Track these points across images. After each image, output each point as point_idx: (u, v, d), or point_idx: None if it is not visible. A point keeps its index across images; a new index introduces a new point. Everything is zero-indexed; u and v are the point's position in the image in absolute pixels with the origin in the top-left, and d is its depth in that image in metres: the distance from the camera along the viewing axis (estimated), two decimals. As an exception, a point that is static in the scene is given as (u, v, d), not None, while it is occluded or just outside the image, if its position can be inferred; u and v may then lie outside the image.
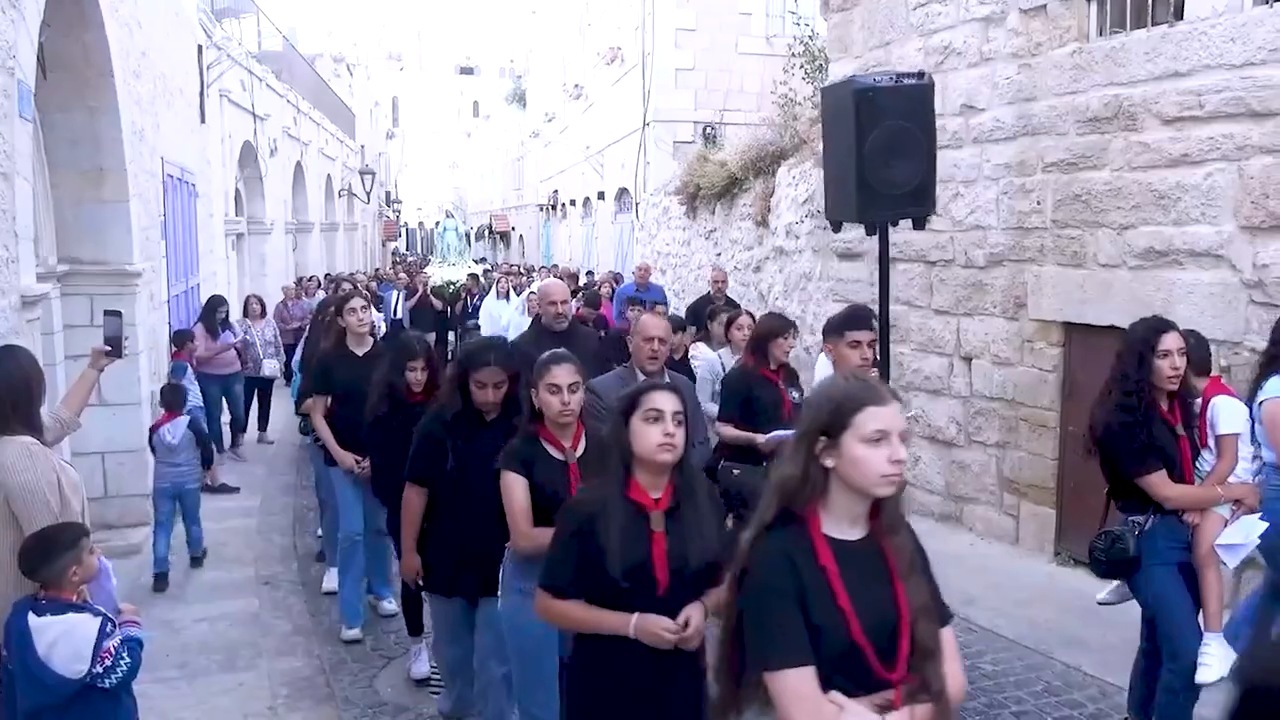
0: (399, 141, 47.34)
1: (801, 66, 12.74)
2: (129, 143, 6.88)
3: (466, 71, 53.44)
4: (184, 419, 6.42)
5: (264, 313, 10.71)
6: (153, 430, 6.48)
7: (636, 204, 18.84)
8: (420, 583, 3.91)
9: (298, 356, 8.36)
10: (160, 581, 6.06)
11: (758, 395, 4.80)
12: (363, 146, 31.28)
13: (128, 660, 2.86)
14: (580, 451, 3.23)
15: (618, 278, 14.88)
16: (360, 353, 5.25)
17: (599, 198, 22.54)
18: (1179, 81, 5.21)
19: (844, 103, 4.39)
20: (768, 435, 4.58)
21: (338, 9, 37.49)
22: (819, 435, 1.93)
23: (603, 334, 8.02)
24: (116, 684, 2.85)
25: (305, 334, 8.27)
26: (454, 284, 16.32)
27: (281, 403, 10.35)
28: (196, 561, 6.48)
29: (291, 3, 31.41)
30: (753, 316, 5.79)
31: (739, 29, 17.80)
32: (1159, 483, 3.53)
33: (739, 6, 17.79)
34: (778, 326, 5.01)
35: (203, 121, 10.77)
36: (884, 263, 4.76)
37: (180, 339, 8.31)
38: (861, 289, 8.02)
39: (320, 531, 6.70)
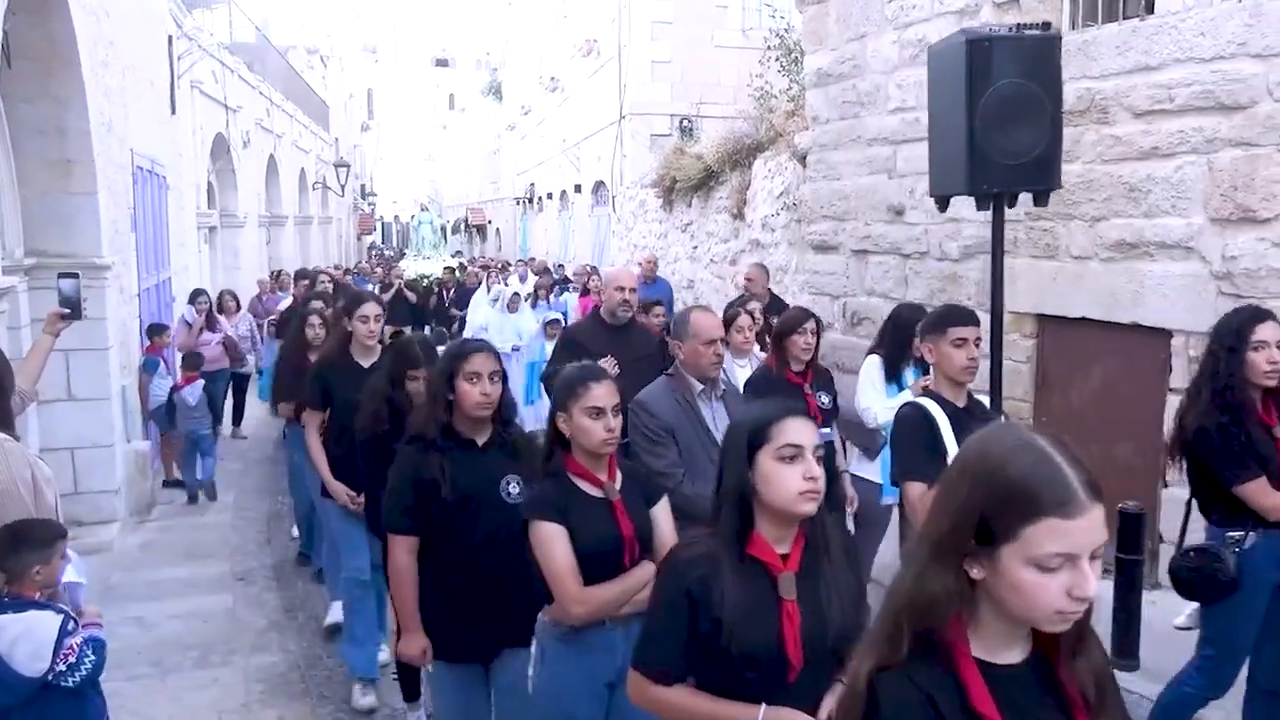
0: (374, 134, 47.01)
1: (777, 59, 12.76)
2: (97, 134, 6.79)
3: (442, 64, 53.09)
4: (200, 381, 7.88)
5: (239, 308, 10.62)
6: (174, 390, 7.86)
7: (613, 197, 18.82)
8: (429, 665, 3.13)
9: (267, 357, 8.35)
10: (210, 491, 7.85)
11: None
12: (337, 139, 31.03)
13: (92, 659, 2.82)
14: (619, 484, 2.69)
15: (594, 271, 14.78)
16: (366, 364, 4.50)
17: (576, 191, 22.50)
18: (1149, 75, 5.26)
19: (953, 58, 3.74)
20: None
21: (311, 0, 37.16)
22: (967, 538, 1.32)
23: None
24: (80, 682, 2.80)
25: (276, 331, 8.21)
26: (428, 278, 16.26)
27: (256, 398, 10.27)
28: (210, 494, 7.86)
29: (264, -7, 31.05)
30: (751, 315, 5.14)
31: (715, 22, 17.81)
32: (1260, 491, 3.14)
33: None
34: (792, 321, 4.56)
35: (173, 113, 10.63)
36: (998, 245, 3.96)
37: (154, 332, 8.21)
38: (836, 281, 8.05)
39: (296, 531, 6.64)
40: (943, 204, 4.10)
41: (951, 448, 3.09)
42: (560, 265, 18.55)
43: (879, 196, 7.44)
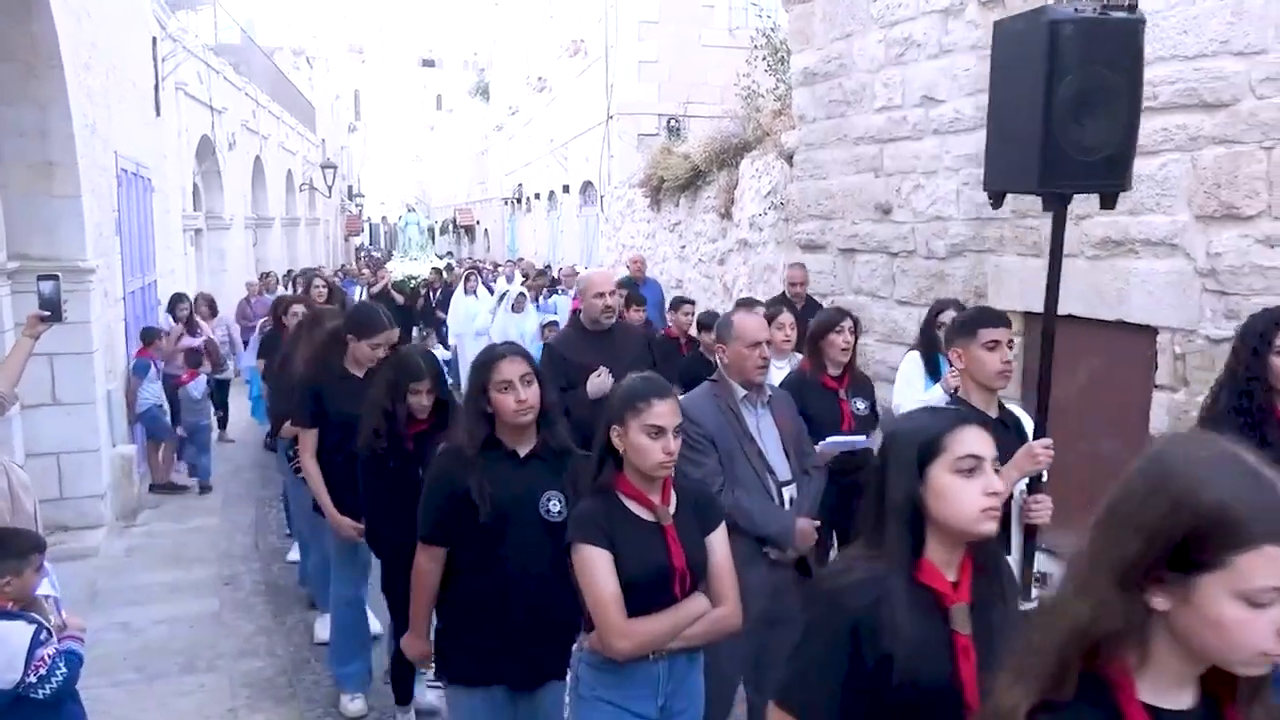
0: (361, 135, 46.87)
1: (764, 59, 12.76)
2: (80, 136, 6.74)
3: (429, 64, 52.97)
4: (203, 376, 8.50)
5: (214, 313, 10.52)
6: (178, 385, 8.27)
7: (601, 197, 18.80)
8: (426, 667, 3.11)
9: (252, 358, 8.28)
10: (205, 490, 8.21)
11: (810, 406, 4.10)
12: (324, 140, 30.92)
13: (64, 671, 2.79)
14: (673, 508, 2.49)
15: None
16: (360, 373, 4.17)
17: (564, 191, 22.49)
18: (1134, 73, 5.27)
19: (1031, 39, 3.32)
20: (821, 444, 3.98)
21: (297, 1, 37.00)
22: (1160, 564, 1.16)
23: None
24: (52, 694, 2.77)
25: (263, 334, 8.11)
26: (415, 279, 16.22)
27: (241, 401, 10.20)
28: (205, 489, 8.21)
29: (249, -6, 30.92)
30: (795, 313, 4.77)
31: (702, 21, 17.82)
32: None
33: (702, -1, 17.82)
34: (826, 322, 4.30)
35: (158, 115, 10.57)
36: (1058, 249, 3.52)
37: (147, 336, 8.14)
38: (824, 280, 8.06)
39: (290, 530, 6.58)
40: (998, 200, 3.72)
41: None
42: (548, 266, 18.52)
43: (866, 195, 7.45)
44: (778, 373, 4.54)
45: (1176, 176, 5.07)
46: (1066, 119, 3.24)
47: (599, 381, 4.47)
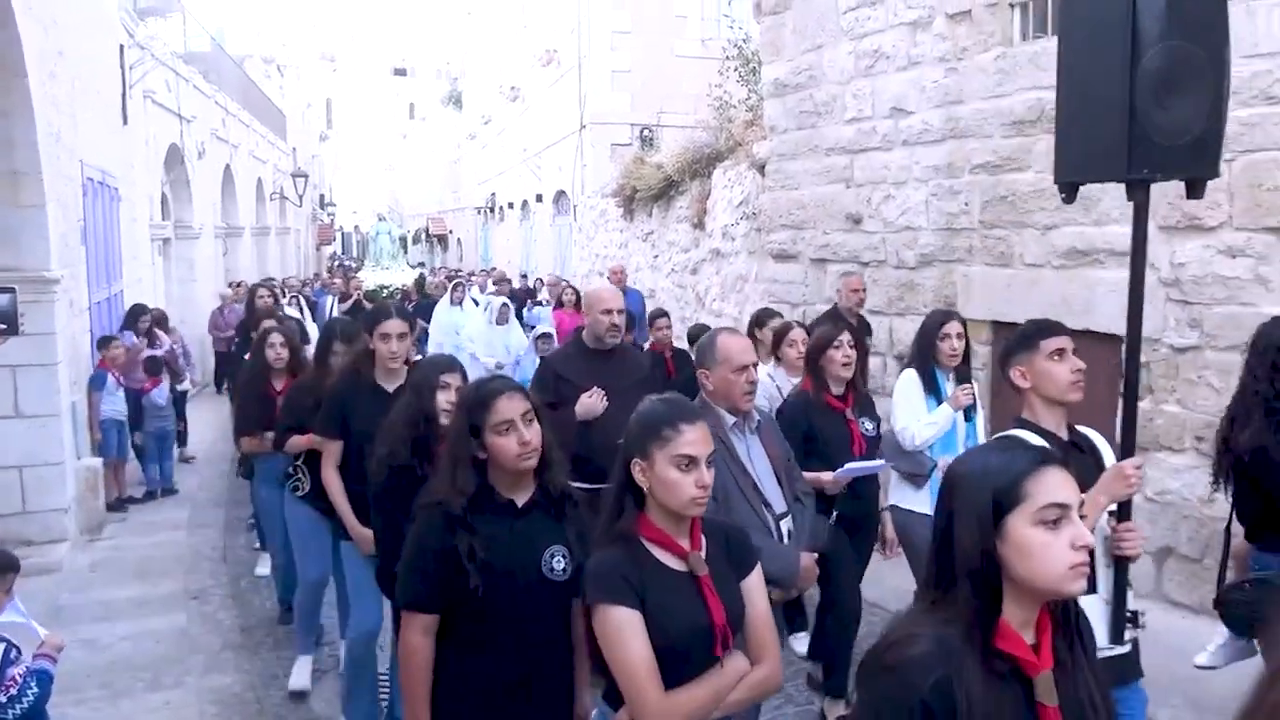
0: (333, 144, 46.62)
1: (736, 69, 12.83)
2: (45, 145, 6.66)
3: (401, 73, 52.81)
4: (166, 382, 8.56)
5: (166, 328, 10.09)
6: (141, 394, 8.32)
7: (575, 206, 18.81)
8: None
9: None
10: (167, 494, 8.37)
11: (820, 428, 3.91)
12: (295, 149, 30.71)
13: (35, 691, 2.75)
14: (704, 552, 2.18)
15: (566, 284, 14.46)
16: (391, 388, 3.90)
17: (537, 200, 22.48)
18: (1098, 86, 5.34)
19: (1108, 14, 3.00)
20: (838, 471, 3.79)
21: (267, 9, 36.80)
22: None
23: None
24: (22, 714, 2.73)
25: (233, 348, 8.02)
26: (387, 288, 16.14)
27: (202, 415, 10.02)
28: (168, 492, 8.41)
29: (219, 2, 30.74)
30: (807, 330, 4.55)
31: (675, 32, 17.90)
32: None
33: (674, 9, 17.90)
34: (823, 337, 4.04)
35: (125, 123, 10.46)
36: (1141, 245, 3.14)
37: (102, 344, 8.02)
38: (795, 289, 8.10)
39: (260, 544, 6.33)
40: (1070, 193, 3.24)
41: None
42: (524, 275, 18.47)
43: (837, 205, 7.50)
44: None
45: (1140, 188, 5.14)
46: (1149, 100, 2.91)
47: (590, 403, 4.16)
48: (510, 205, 26.04)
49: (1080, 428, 2.94)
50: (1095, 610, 2.61)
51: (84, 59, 8.40)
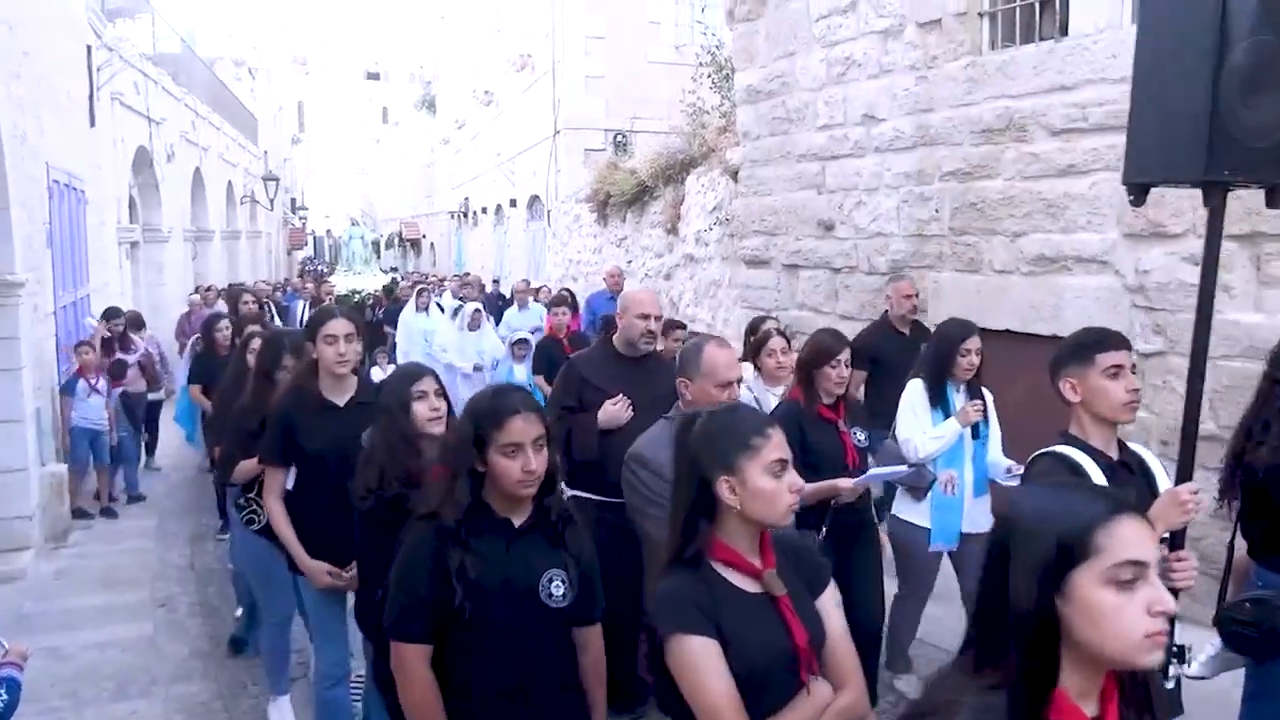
0: (305, 147, 46.29)
1: (709, 76, 12.90)
2: (9, 147, 6.56)
3: (374, 77, 52.54)
4: (119, 389, 8.08)
5: (141, 328, 9.80)
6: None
7: (548, 211, 18.79)
8: None
9: (184, 378, 7.93)
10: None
11: (813, 440, 3.70)
12: (266, 152, 30.46)
13: (4, 698, 2.70)
14: (775, 570, 1.99)
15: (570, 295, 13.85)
16: (341, 400, 3.55)
17: (511, 205, 22.44)
18: (1065, 95, 5.43)
19: (1194, 6, 2.77)
20: (864, 475, 3.69)
21: (238, 11, 36.51)
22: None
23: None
24: None
25: (194, 353, 7.80)
26: (360, 293, 16.04)
27: (169, 422, 9.69)
28: (135, 499, 8.25)
29: (189, 4, 30.47)
30: (786, 338, 4.54)
31: (649, 38, 17.95)
32: None
33: (648, 15, 17.95)
34: (823, 350, 3.83)
35: (92, 125, 10.33)
36: (1214, 248, 2.81)
37: (75, 349, 7.84)
38: (768, 295, 8.14)
39: (239, 611, 5.35)
40: (1140, 195, 3.00)
41: None
42: (495, 280, 18.40)
43: (809, 212, 7.55)
44: (775, 401, 4.27)
45: (1107, 195, 5.22)
46: (1234, 98, 2.69)
47: (614, 411, 3.94)
48: (484, 210, 25.97)
49: (1132, 445, 2.81)
50: None
51: (50, 60, 8.29)
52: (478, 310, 9.70)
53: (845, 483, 3.61)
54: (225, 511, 6.01)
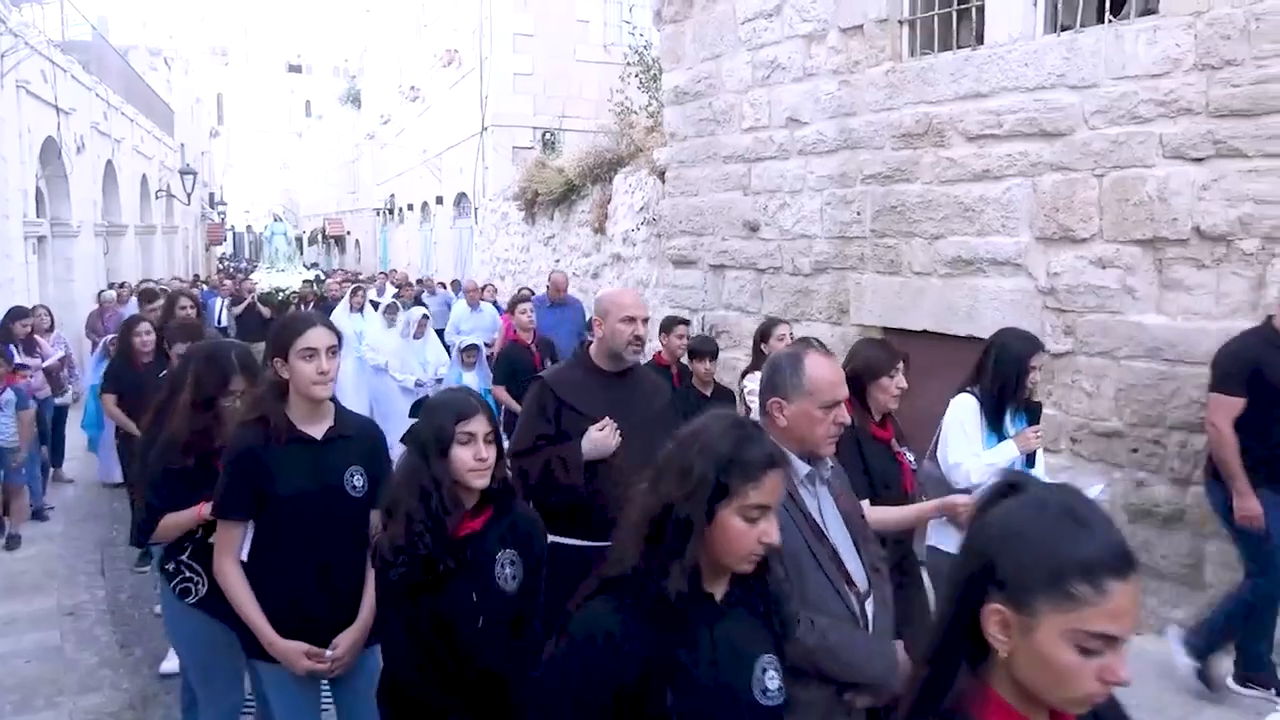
0: (224, 140, 45.10)
1: (637, 76, 12.93)
2: (-96, 136, 6.26)
3: (296, 69, 51.45)
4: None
5: (52, 327, 9.17)
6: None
7: (476, 209, 18.63)
8: None
9: (89, 380, 7.36)
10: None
11: (872, 463, 3.25)
12: (183, 145, 29.59)
13: None
14: None
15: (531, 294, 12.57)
16: (319, 433, 2.86)
17: (437, 202, 22.19)
18: (981, 102, 5.57)
19: None
20: (975, 493, 3.20)
21: (154, -1, 35.40)
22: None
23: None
24: None
25: (107, 355, 7.25)
26: (284, 291, 15.69)
27: (79, 431, 9.19)
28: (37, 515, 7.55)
29: (101, -10, 29.38)
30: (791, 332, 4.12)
31: (577, 36, 17.92)
32: None
33: (577, 14, 17.92)
34: (879, 362, 3.41)
35: (-5, 114, 9.93)
36: None
37: None
38: (695, 295, 8.20)
39: (175, 659, 4.51)
40: None
41: None
42: (420, 280, 18.15)
43: (735, 213, 7.62)
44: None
45: (1020, 200, 5.38)
46: None
47: (601, 438, 3.35)
48: (410, 207, 25.63)
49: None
50: None
51: (-51, 45, 7.93)
52: (424, 317, 8.86)
53: (961, 499, 3.19)
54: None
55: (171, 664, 4.61)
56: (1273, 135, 4.29)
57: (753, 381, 5.07)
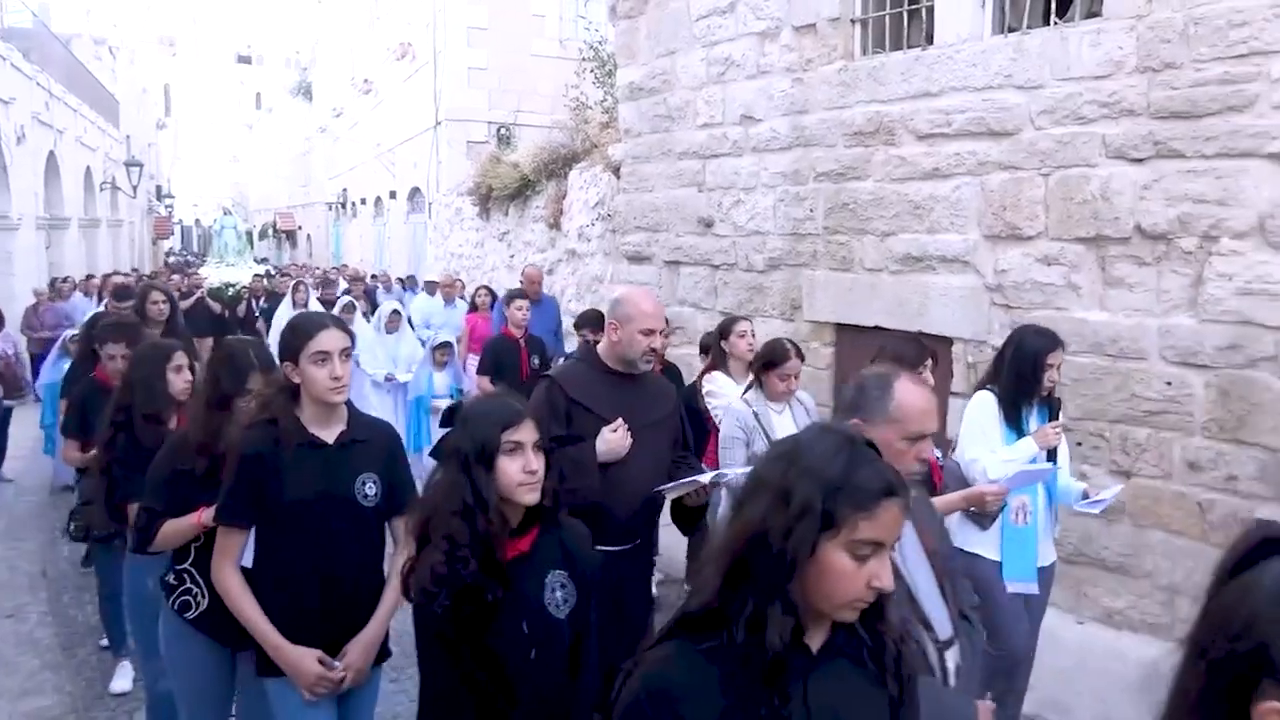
0: (171, 132, 44.23)
1: (592, 71, 12.91)
2: None
3: (245, 60, 50.60)
4: None
5: (1, 324, 8.89)
6: None
7: (429, 204, 18.47)
8: None
9: (45, 378, 7.11)
10: None
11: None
12: (128, 136, 28.97)
13: None
14: None
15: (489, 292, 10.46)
16: (331, 437, 2.76)
17: (391, 197, 21.99)
18: (930, 101, 5.65)
19: None
20: (1008, 477, 3.27)
21: (98, -14, 34.52)
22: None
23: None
24: None
25: (65, 352, 6.95)
26: (233, 286, 15.44)
27: (19, 427, 8.93)
28: None
29: (42, -24, 28.63)
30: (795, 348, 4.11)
31: (532, 31, 17.84)
32: None
33: (531, 8, 17.83)
34: (908, 358, 3.39)
35: (-70, 103, 9.64)
36: None
37: None
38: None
39: (126, 676, 4.63)
40: None
41: None
42: (374, 276, 17.95)
43: (689, 209, 7.64)
44: (779, 420, 3.78)
45: (968, 198, 5.46)
46: None
47: (616, 439, 3.29)
48: (363, 201, 25.34)
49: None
50: None
51: (-119, 32, 7.68)
52: (395, 312, 8.65)
53: (990, 488, 3.11)
54: (90, 534, 4.61)
55: (123, 683, 4.54)
56: (1210, 137, 4.40)
57: (711, 383, 4.93)
